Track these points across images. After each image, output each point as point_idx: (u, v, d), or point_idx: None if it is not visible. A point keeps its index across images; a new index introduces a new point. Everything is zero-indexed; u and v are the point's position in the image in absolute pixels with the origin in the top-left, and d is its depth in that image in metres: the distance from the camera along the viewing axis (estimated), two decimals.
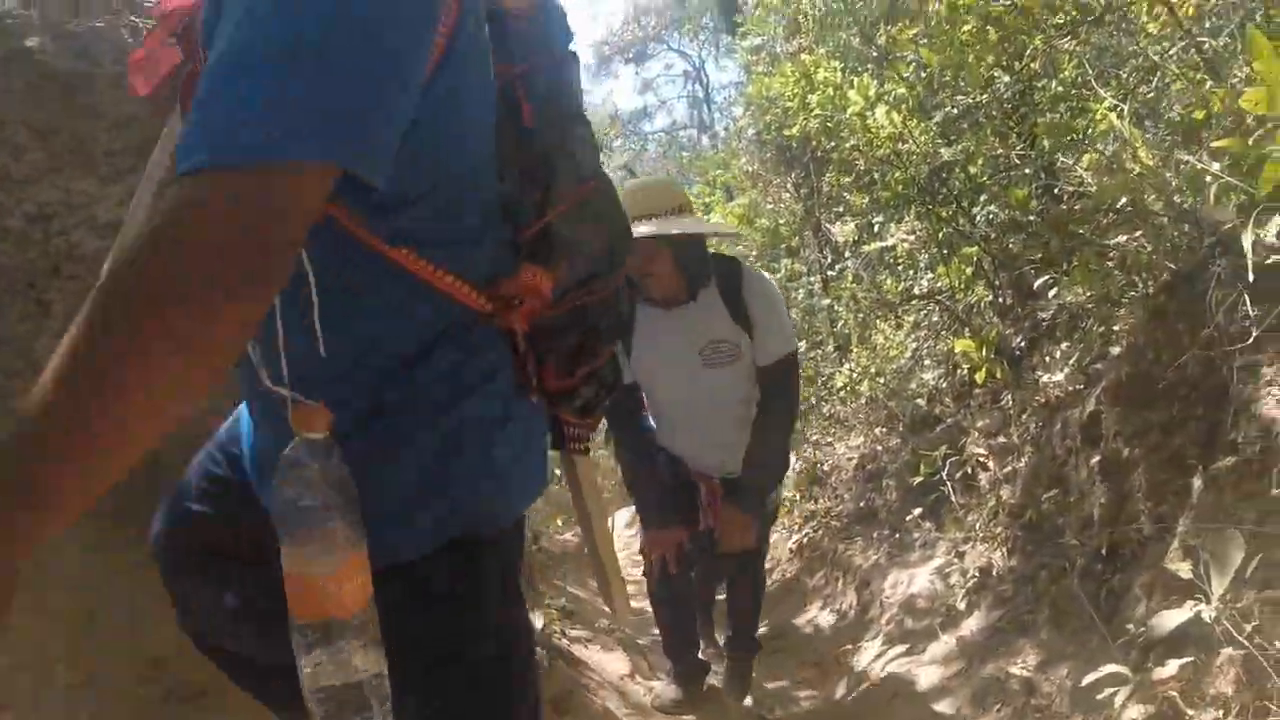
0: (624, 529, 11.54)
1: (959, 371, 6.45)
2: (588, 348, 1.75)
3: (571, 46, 1.72)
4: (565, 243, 1.64)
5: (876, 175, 7.22)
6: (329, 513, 1.29)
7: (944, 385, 6.94)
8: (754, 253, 11.81)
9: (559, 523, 12.55)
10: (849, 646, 5.60)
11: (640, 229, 3.69)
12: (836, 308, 10.00)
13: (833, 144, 7.17)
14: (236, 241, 1.06)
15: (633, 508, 10.35)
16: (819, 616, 6.77)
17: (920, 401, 7.17)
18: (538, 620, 5.72)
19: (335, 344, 1.37)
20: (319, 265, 1.32)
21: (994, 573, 4.66)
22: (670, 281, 4.00)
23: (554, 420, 1.84)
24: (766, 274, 4.77)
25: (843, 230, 8.79)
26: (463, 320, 1.53)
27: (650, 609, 4.89)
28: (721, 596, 5.41)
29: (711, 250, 4.35)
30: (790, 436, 4.52)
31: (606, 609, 7.99)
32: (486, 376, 1.57)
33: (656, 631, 5.00)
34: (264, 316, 1.13)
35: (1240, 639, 2.41)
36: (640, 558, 4.71)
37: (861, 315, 9.14)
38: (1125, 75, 5.23)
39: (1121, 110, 4.33)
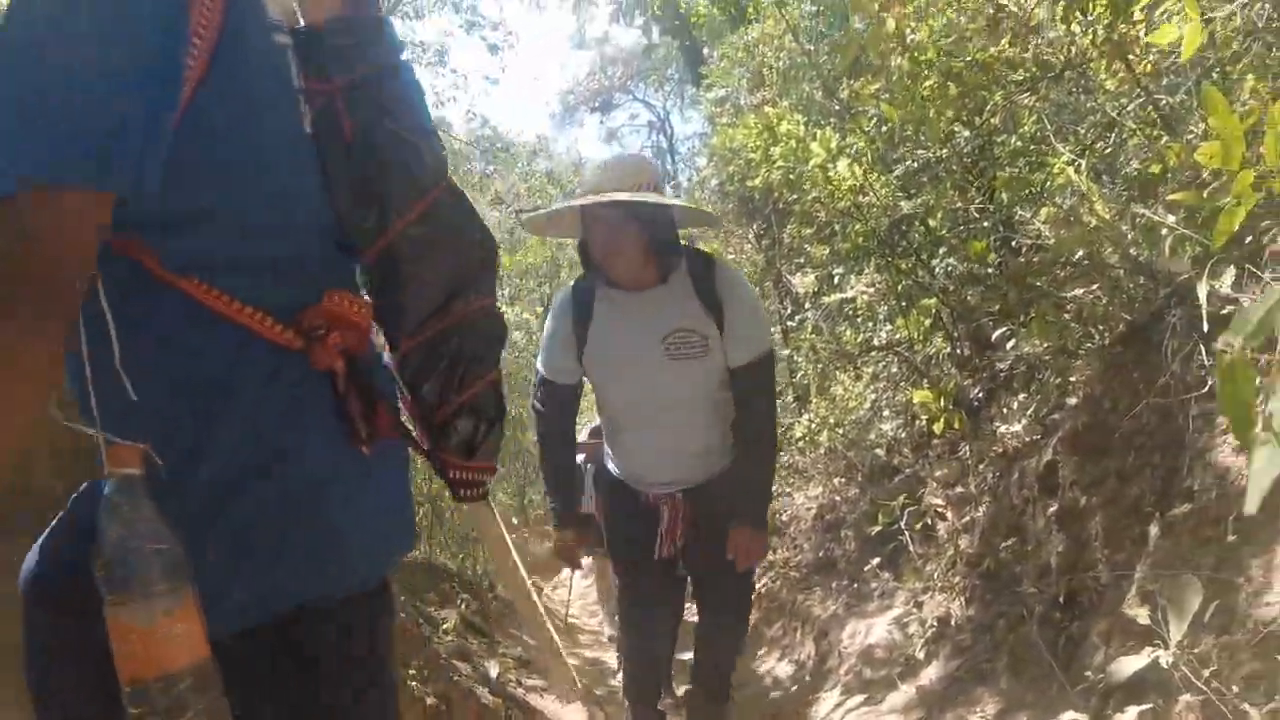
0: (581, 580, 11.49)
1: (917, 422, 6.50)
2: (456, 377, 1.66)
3: (403, 57, 1.63)
4: (412, 261, 1.58)
5: (837, 227, 7.28)
6: (144, 557, 1.17)
7: (902, 436, 6.98)
8: None
9: None
10: (808, 697, 5.59)
11: (606, 201, 3.39)
12: (796, 358, 10.06)
13: (794, 196, 7.23)
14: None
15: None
16: (777, 667, 6.76)
17: (879, 452, 7.20)
18: (493, 669, 5.68)
19: (144, 384, 1.28)
20: (115, 298, 1.25)
21: (952, 622, 4.67)
22: (637, 261, 3.55)
23: (441, 466, 1.72)
24: None
25: (803, 281, 8.85)
26: (273, 362, 1.40)
27: (608, 659, 4.82)
28: (683, 655, 5.15)
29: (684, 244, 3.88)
30: (776, 442, 4.04)
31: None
32: (301, 429, 1.43)
33: (614, 681, 4.94)
34: (66, 349, 1.13)
35: (1199, 684, 2.43)
36: (596, 606, 4.69)
37: (821, 366, 9.19)
38: (1083, 131, 5.31)
39: (1079, 165, 4.40)
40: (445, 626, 5.67)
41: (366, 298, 1.57)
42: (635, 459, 3.98)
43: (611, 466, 4.12)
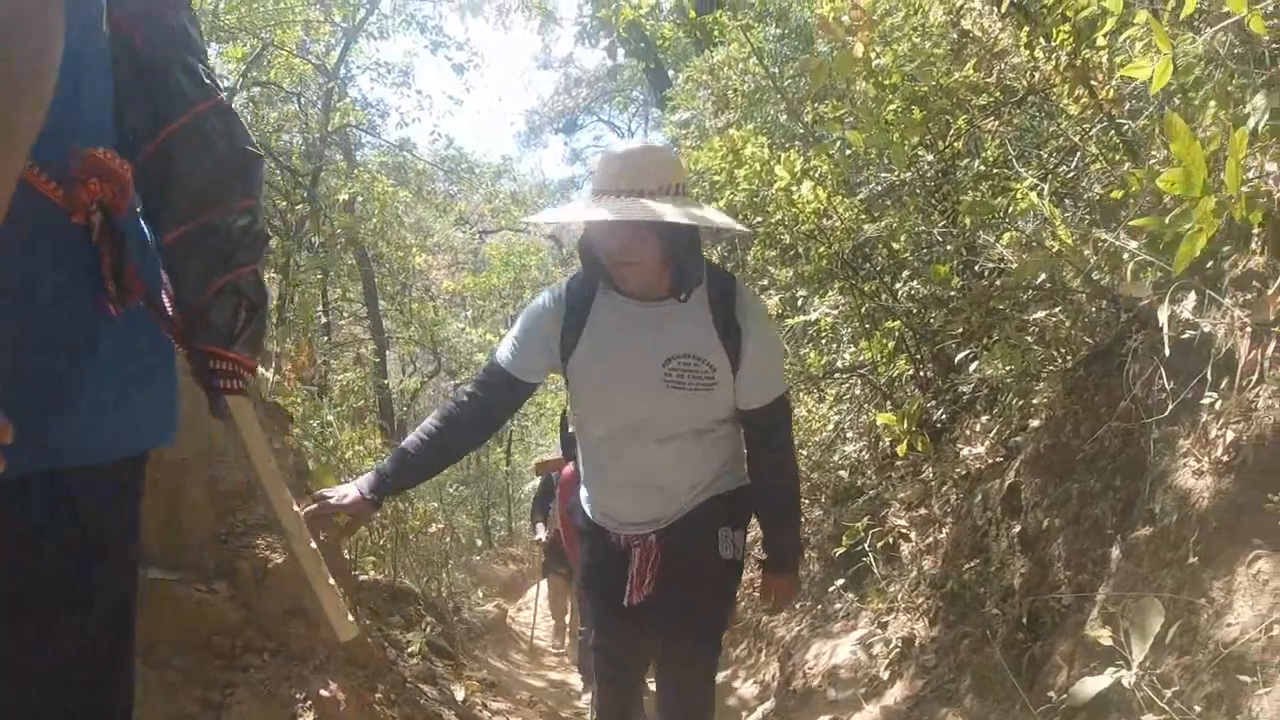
0: (544, 600, 11.45)
1: (881, 444, 6.53)
2: (219, 262, 1.82)
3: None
4: (178, 160, 1.77)
5: (801, 249, 7.31)
6: None
7: (866, 457, 7.01)
8: None
9: (479, 594, 12.42)
10: (774, 718, 5.59)
11: (624, 210, 2.90)
12: None
13: (759, 218, 7.26)
14: None
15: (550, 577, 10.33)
16: (743, 688, 6.76)
17: (843, 474, 7.23)
18: (459, 692, 5.65)
19: None
20: None
21: (916, 642, 4.68)
22: (653, 272, 3.05)
23: (201, 358, 1.88)
24: None
25: (767, 304, 8.87)
26: (40, 221, 1.49)
27: (573, 680, 4.77)
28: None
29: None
30: (799, 481, 3.58)
31: (531, 681, 7.90)
32: (61, 290, 1.53)
33: (580, 704, 4.92)
34: None
35: (1161, 704, 2.44)
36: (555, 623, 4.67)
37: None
38: (1046, 155, 5.37)
39: (1042, 189, 4.45)
40: (410, 649, 5.64)
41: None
42: (612, 495, 3.44)
43: (585, 505, 3.61)
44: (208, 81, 1.85)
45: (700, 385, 3.08)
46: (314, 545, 2.20)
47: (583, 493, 3.61)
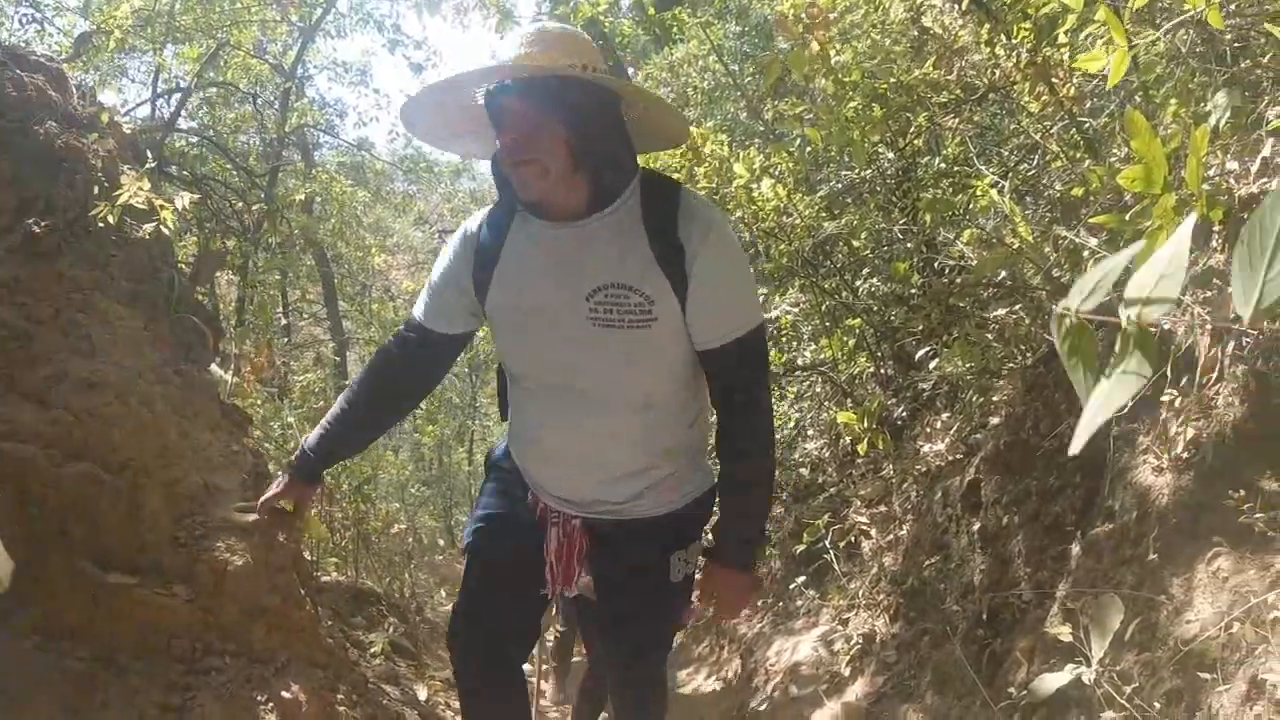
0: None
1: (842, 441, 6.54)
2: None
3: None
4: None
5: (761, 247, 7.32)
6: None
7: (827, 455, 7.02)
8: None
9: (443, 594, 12.36)
10: (735, 715, 5.59)
11: (504, 71, 2.34)
12: None
13: None
14: None
15: None
16: (704, 685, 6.76)
17: (804, 471, 7.24)
18: (422, 692, 5.62)
19: None
20: None
21: (877, 639, 4.69)
22: (561, 180, 2.38)
23: None
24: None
25: None
26: None
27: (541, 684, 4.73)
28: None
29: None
30: (773, 456, 2.82)
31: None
32: None
33: (545, 701, 4.90)
34: None
35: (1121, 700, 2.45)
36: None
37: None
38: (1006, 153, 5.40)
39: (1002, 187, 4.47)
40: (373, 650, 5.61)
41: None
42: (534, 461, 2.83)
43: (501, 446, 3.06)
44: None
45: (635, 322, 2.43)
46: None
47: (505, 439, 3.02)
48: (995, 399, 4.36)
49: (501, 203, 2.63)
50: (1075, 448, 0.95)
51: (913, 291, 5.65)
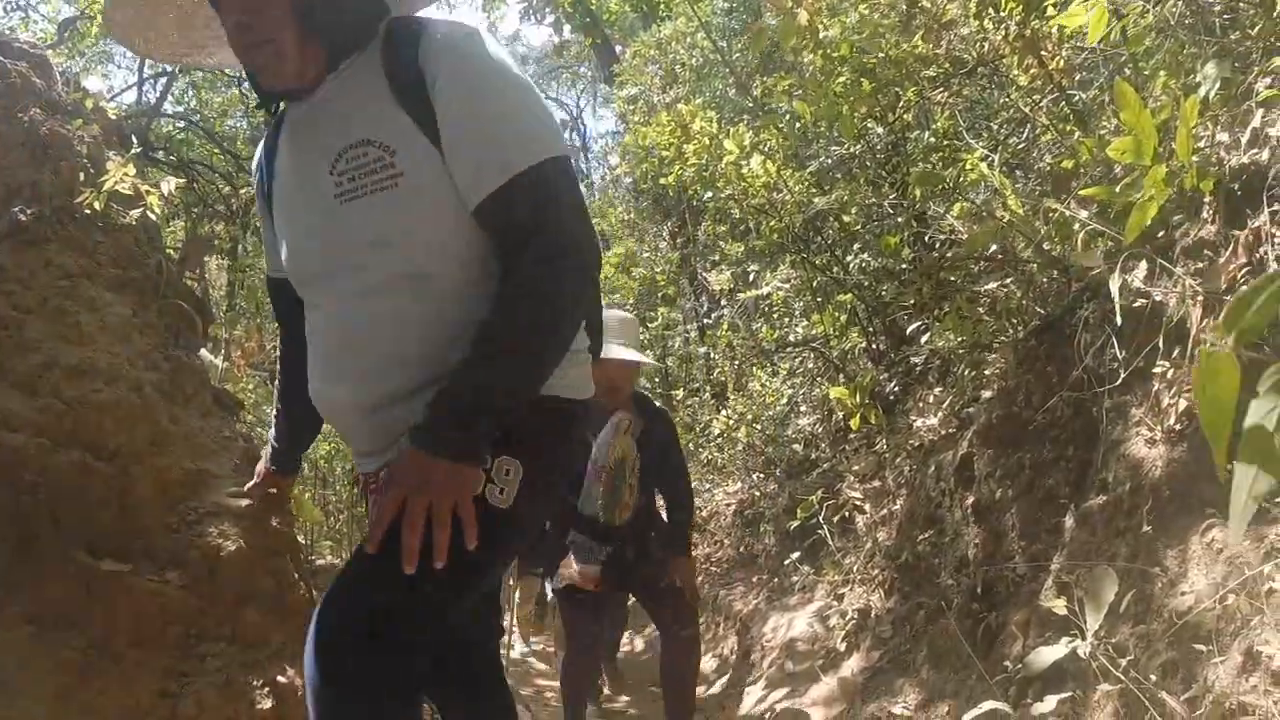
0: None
1: (834, 417, 6.54)
2: None
3: None
4: None
5: (752, 224, 7.32)
6: None
7: (820, 431, 7.03)
8: (631, 300, 11.88)
9: None
10: (731, 691, 5.60)
11: None
12: (713, 355, 10.10)
13: (708, 193, 7.24)
14: None
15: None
16: (701, 662, 6.77)
17: (796, 447, 7.25)
18: None
19: None
20: None
21: (872, 614, 4.70)
22: (292, 49, 1.96)
23: None
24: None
25: (719, 279, 8.88)
26: None
27: (534, 662, 4.74)
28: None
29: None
30: (547, 324, 1.93)
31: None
32: None
33: (540, 683, 4.90)
34: None
35: (1116, 673, 2.45)
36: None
37: (738, 363, 9.24)
38: (996, 126, 5.39)
39: (992, 160, 4.46)
40: None
41: None
42: (311, 367, 2.22)
43: None
44: None
45: (380, 184, 1.92)
46: None
47: None
48: (987, 373, 4.36)
49: (266, 112, 2.23)
50: (1235, 536, 0.91)
51: (903, 266, 5.64)
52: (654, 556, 4.40)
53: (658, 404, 4.37)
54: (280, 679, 3.32)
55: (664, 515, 4.72)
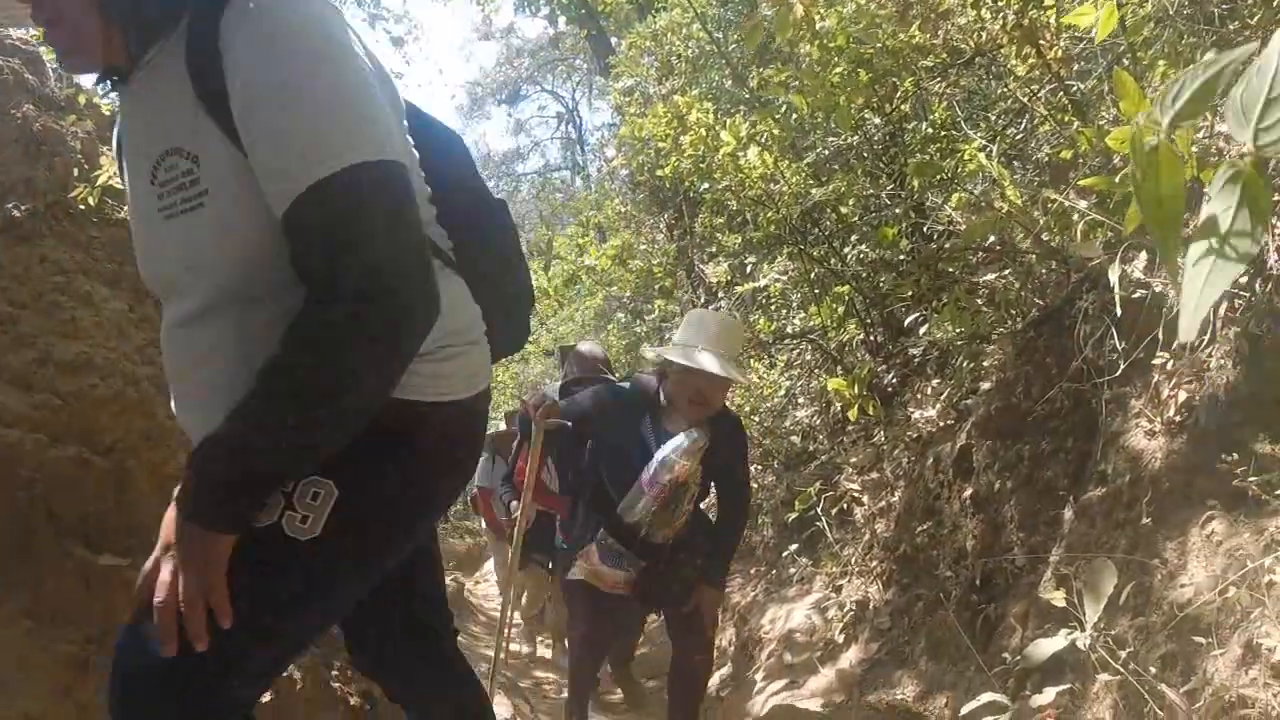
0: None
1: (832, 409, 6.53)
2: None
3: None
4: None
5: (749, 215, 7.29)
6: None
7: (818, 422, 7.02)
8: (628, 293, 11.86)
9: None
10: (731, 683, 5.60)
11: None
12: None
13: (705, 185, 7.22)
14: None
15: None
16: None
17: (795, 439, 7.23)
18: None
19: None
20: None
21: (871, 606, 4.70)
22: (85, 31, 1.68)
23: None
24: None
25: (715, 270, 8.85)
26: None
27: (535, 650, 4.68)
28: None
29: None
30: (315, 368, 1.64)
31: (490, 654, 7.88)
32: None
33: (539, 674, 4.89)
34: None
35: (1115, 665, 2.45)
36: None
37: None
38: (994, 117, 5.37)
39: (990, 151, 4.44)
40: None
41: None
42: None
43: None
44: None
45: (188, 200, 1.65)
46: None
47: None
48: (986, 364, 4.35)
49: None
50: (1187, 334, 0.87)
51: (901, 257, 5.63)
52: (687, 578, 4.06)
53: (734, 413, 4.16)
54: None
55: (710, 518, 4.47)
